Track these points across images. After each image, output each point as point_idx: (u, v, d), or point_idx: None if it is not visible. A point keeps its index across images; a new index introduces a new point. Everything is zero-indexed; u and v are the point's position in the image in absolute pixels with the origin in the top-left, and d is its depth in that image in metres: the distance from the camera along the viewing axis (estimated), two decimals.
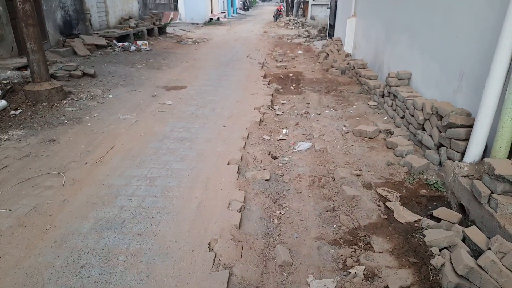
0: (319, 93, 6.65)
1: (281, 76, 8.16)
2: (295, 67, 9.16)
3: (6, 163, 3.63)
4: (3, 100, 4.94)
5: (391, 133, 4.43)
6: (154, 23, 13.73)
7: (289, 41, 14.37)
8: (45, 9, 8.31)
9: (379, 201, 3.13)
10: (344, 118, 5.21)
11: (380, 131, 4.48)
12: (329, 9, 13.67)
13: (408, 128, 4.31)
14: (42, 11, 8.15)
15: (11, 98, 5.16)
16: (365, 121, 5.01)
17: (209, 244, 2.56)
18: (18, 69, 6.55)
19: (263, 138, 4.64)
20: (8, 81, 5.60)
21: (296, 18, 21.26)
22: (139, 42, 10.86)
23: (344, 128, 4.81)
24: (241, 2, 40.76)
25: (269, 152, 4.27)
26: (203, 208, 2.97)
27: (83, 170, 3.56)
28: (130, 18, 12.48)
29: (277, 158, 4.17)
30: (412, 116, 4.17)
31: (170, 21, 16.25)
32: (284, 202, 3.28)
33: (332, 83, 7.30)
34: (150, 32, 13.08)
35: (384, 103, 5.42)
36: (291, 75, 8.27)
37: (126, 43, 10.41)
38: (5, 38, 7.22)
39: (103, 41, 9.70)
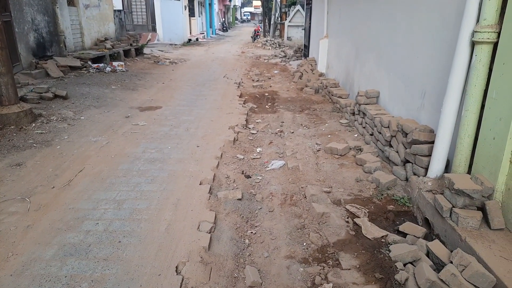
0: (293, 111, 6.77)
1: (257, 95, 8.28)
2: (271, 86, 9.32)
3: None
4: None
5: (360, 150, 4.54)
6: (131, 44, 13.75)
7: (266, 61, 14.65)
8: (17, 31, 8.21)
9: (347, 218, 3.18)
10: (317, 136, 5.31)
11: (350, 148, 4.58)
12: (303, 30, 14.07)
13: (376, 145, 4.44)
14: (14, 33, 8.05)
15: None
16: (337, 138, 5.12)
17: (176, 267, 2.51)
18: None
19: (237, 157, 4.66)
20: None
21: (273, 39, 21.76)
22: (115, 63, 10.82)
23: (316, 146, 4.89)
24: (220, 23, 41.49)
25: (242, 171, 4.28)
26: (171, 230, 2.93)
27: (50, 194, 3.47)
28: (106, 39, 12.47)
29: (250, 177, 4.18)
30: (380, 133, 4.30)
31: (147, 42, 16.31)
32: (256, 221, 3.28)
33: (306, 102, 7.46)
34: (126, 53, 13.07)
35: (355, 121, 5.57)
36: (266, 94, 8.40)
37: (101, 64, 10.35)
38: None
39: (78, 63, 9.62)
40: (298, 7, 20.57)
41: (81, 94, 7.10)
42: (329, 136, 5.24)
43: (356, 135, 5.17)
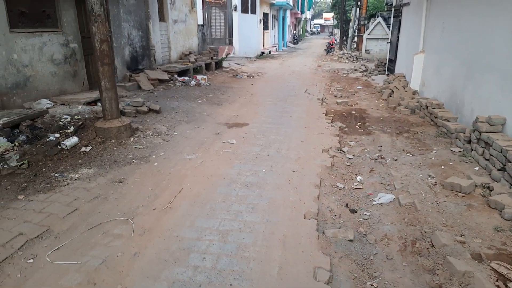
0: (389, 134, 6.16)
1: (344, 113, 7.78)
2: (357, 103, 8.75)
3: (76, 206, 3.55)
4: (75, 137, 5.03)
5: (489, 188, 3.83)
6: (211, 58, 14.13)
7: (345, 75, 14.04)
8: (115, 45, 8.76)
9: (497, 280, 2.57)
10: (427, 166, 4.67)
11: (476, 185, 3.89)
12: (388, 44, 13.24)
13: None
14: (112, 48, 8.59)
15: (82, 134, 5.27)
16: (453, 171, 4.44)
17: None
18: (88, 103, 6.81)
19: (337, 186, 4.24)
20: (79, 117, 5.78)
21: (350, 52, 20.99)
22: (199, 77, 11.11)
23: (429, 178, 4.28)
24: (291, 35, 41.59)
25: (347, 204, 3.84)
26: (285, 276, 2.60)
27: (152, 217, 3.38)
28: (190, 53, 12.94)
29: (355, 212, 3.73)
30: None
31: (226, 56, 16.68)
32: (373, 270, 2.82)
33: (402, 123, 6.78)
34: (207, 66, 13.43)
35: (471, 150, 4.82)
36: (354, 112, 7.87)
37: (186, 78, 10.68)
38: (78, 73, 7.62)
39: (166, 76, 10.02)
40: (379, 19, 19.63)
41: (171, 108, 7.26)
42: (442, 167, 4.57)
43: (477, 168, 4.43)
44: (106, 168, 4.44)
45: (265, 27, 27.45)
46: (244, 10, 21.63)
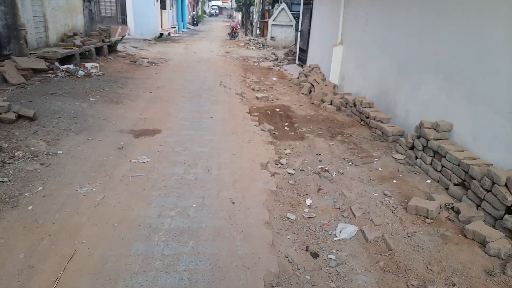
0: (323, 137, 5.58)
1: (268, 111, 7.00)
2: (278, 99, 8.06)
3: None
4: None
5: (453, 209, 3.43)
6: (103, 40, 11.89)
7: (256, 64, 13.33)
8: None
9: None
10: (377, 180, 4.15)
11: (440, 206, 3.46)
12: (299, 33, 12.92)
13: (480, 206, 3.34)
14: None
15: None
16: (406, 186, 4.00)
17: None
18: None
19: (287, 218, 3.40)
20: None
21: (256, 38, 20.44)
22: (88, 65, 9.07)
23: (386, 198, 3.74)
24: (190, 16, 39.40)
25: (307, 247, 3.03)
26: None
27: None
28: (75, 34, 10.57)
29: (318, 256, 2.95)
30: (489, 191, 3.21)
31: (121, 38, 14.39)
32: None
33: (332, 124, 6.29)
34: (98, 50, 11.24)
35: (416, 157, 4.49)
36: (278, 110, 7.15)
37: (71, 66, 8.57)
38: None
39: (43, 64, 7.82)
40: (283, 5, 19.39)
41: (52, 112, 5.44)
42: (394, 181, 4.10)
43: (429, 181, 4.07)
44: None
45: (163, 6, 25.07)
46: None
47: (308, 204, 3.70)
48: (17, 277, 2.39)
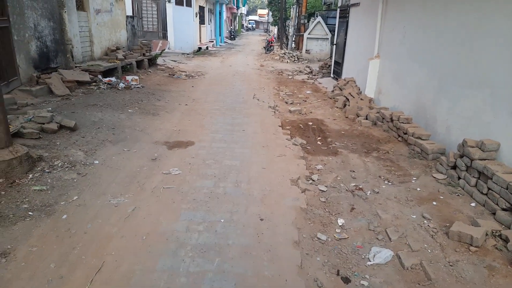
0: (358, 153, 5.38)
1: (300, 125, 6.90)
2: (311, 112, 7.95)
3: None
4: None
5: (501, 237, 3.14)
6: (143, 54, 12.41)
7: (290, 77, 13.30)
8: (16, 39, 6.84)
9: None
10: (415, 201, 3.91)
11: (486, 234, 3.18)
12: (334, 46, 12.77)
13: None
14: (11, 41, 6.68)
15: None
16: (448, 209, 3.73)
17: None
18: None
19: (318, 238, 3.26)
20: None
21: (291, 52, 20.47)
22: (128, 77, 9.46)
23: (425, 222, 3.50)
24: (227, 31, 40.35)
25: (338, 271, 2.87)
26: None
27: None
28: (118, 48, 11.11)
29: (349, 281, 2.78)
30: None
31: (161, 52, 14.94)
32: None
33: (367, 139, 6.07)
34: (139, 64, 11.73)
35: (459, 178, 4.19)
36: (310, 123, 7.03)
37: (113, 79, 8.98)
38: None
39: (87, 77, 8.25)
40: (318, 18, 19.32)
41: (92, 123, 5.69)
42: (434, 203, 3.84)
43: (473, 205, 3.77)
44: None
45: (202, 22, 25.92)
46: (179, 2, 19.94)
47: (340, 224, 3.54)
48: (47, 287, 2.43)
